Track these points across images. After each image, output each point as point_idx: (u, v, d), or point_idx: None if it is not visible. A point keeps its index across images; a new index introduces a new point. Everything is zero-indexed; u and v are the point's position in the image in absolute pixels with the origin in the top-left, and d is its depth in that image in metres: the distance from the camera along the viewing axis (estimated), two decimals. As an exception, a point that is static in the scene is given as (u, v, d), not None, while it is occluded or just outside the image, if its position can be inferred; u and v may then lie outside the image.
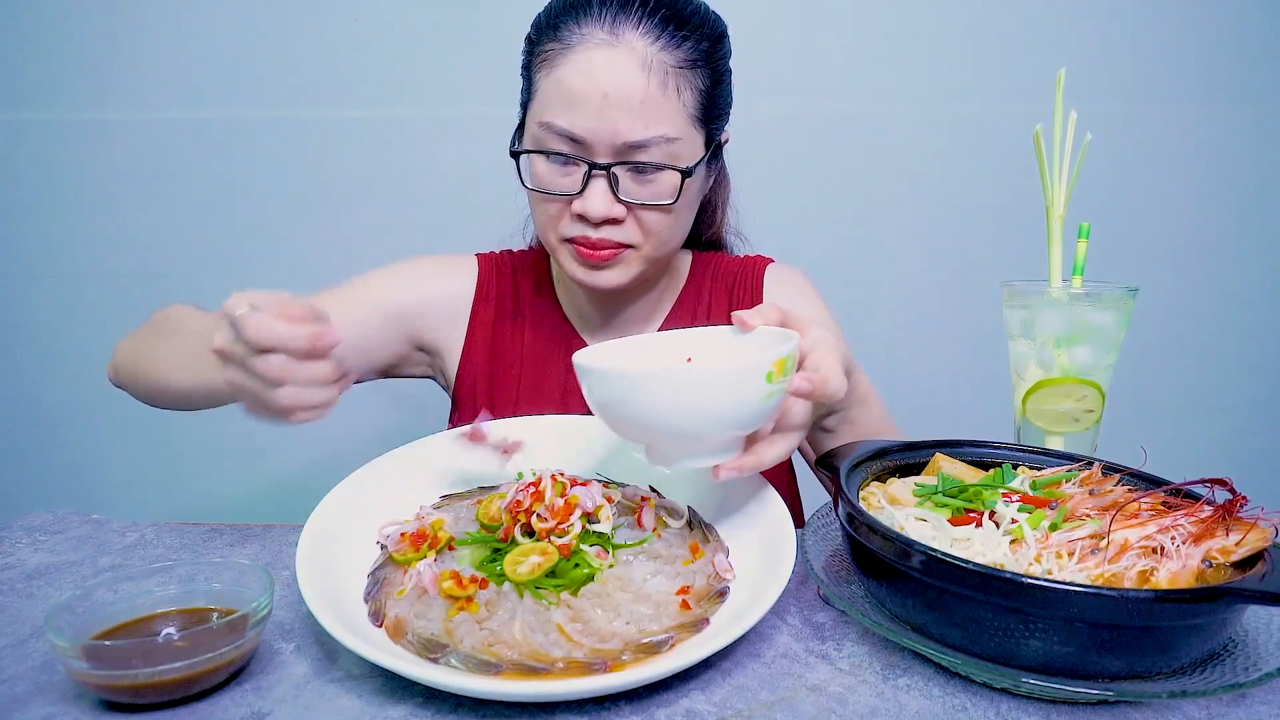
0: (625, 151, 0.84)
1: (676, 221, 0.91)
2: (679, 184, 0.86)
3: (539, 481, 0.71)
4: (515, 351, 1.02)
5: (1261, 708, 0.55)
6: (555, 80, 0.84)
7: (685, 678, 0.58)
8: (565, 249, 0.91)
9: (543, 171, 0.87)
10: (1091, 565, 0.56)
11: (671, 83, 0.83)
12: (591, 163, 0.84)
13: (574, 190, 0.86)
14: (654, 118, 0.83)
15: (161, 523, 0.87)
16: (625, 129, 0.82)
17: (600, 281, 0.91)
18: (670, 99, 0.84)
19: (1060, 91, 0.80)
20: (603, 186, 0.85)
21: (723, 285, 1.06)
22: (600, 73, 0.81)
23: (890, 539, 0.58)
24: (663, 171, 0.86)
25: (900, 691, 0.57)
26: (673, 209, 0.88)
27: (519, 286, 1.06)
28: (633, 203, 0.86)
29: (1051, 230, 0.81)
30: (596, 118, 0.82)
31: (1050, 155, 0.80)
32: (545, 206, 0.89)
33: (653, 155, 0.84)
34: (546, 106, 0.85)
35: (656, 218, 0.88)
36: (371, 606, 0.64)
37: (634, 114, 0.82)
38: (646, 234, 0.89)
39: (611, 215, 0.86)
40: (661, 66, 0.83)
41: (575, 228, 0.88)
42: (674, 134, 0.84)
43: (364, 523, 0.73)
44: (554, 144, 0.85)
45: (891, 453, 0.75)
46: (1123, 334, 0.80)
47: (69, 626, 0.56)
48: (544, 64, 0.85)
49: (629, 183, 0.86)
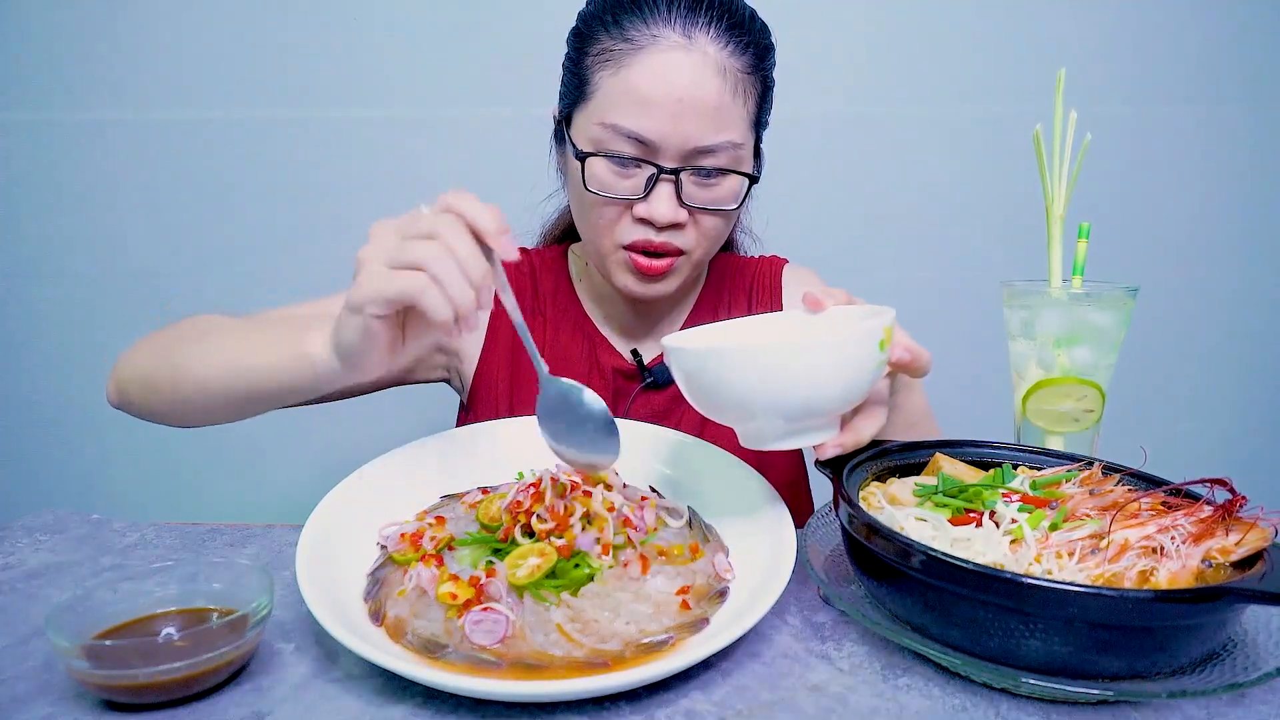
0: (693, 156, 0.83)
1: (729, 226, 0.91)
2: (743, 189, 0.87)
3: (539, 482, 0.71)
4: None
5: (1261, 707, 0.55)
6: (624, 81, 0.82)
7: (685, 678, 0.58)
8: (620, 256, 0.89)
9: (603, 174, 0.85)
10: (1091, 565, 0.56)
11: (740, 88, 0.84)
12: (659, 166, 0.83)
13: (637, 194, 0.85)
14: (725, 123, 0.83)
15: (161, 523, 0.87)
16: (697, 134, 0.82)
17: (652, 292, 0.90)
18: (738, 105, 0.84)
19: (1060, 91, 0.80)
20: (669, 191, 0.84)
21: (741, 285, 1.06)
22: (676, 76, 0.80)
23: (890, 539, 0.58)
24: (726, 176, 0.85)
25: (900, 691, 0.57)
26: (731, 214, 0.88)
27: (539, 285, 1.05)
28: (695, 207, 0.86)
29: (1051, 230, 0.81)
30: (670, 122, 0.81)
31: (1050, 155, 0.80)
32: (603, 210, 0.87)
33: (720, 161, 0.84)
34: (612, 108, 0.83)
35: (715, 222, 0.88)
36: (371, 606, 0.64)
37: (707, 119, 0.81)
38: (701, 238, 0.89)
39: (676, 220, 0.85)
40: (733, 72, 0.83)
41: (636, 232, 0.86)
42: (739, 140, 0.85)
43: (364, 523, 0.73)
44: (619, 146, 0.83)
45: (891, 453, 0.76)
46: (1123, 334, 0.80)
47: (69, 626, 0.56)
48: (608, 63, 0.83)
49: (691, 187, 0.85)
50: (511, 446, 0.83)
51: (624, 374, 1.00)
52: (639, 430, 0.86)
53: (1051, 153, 0.80)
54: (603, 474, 0.75)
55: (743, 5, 0.87)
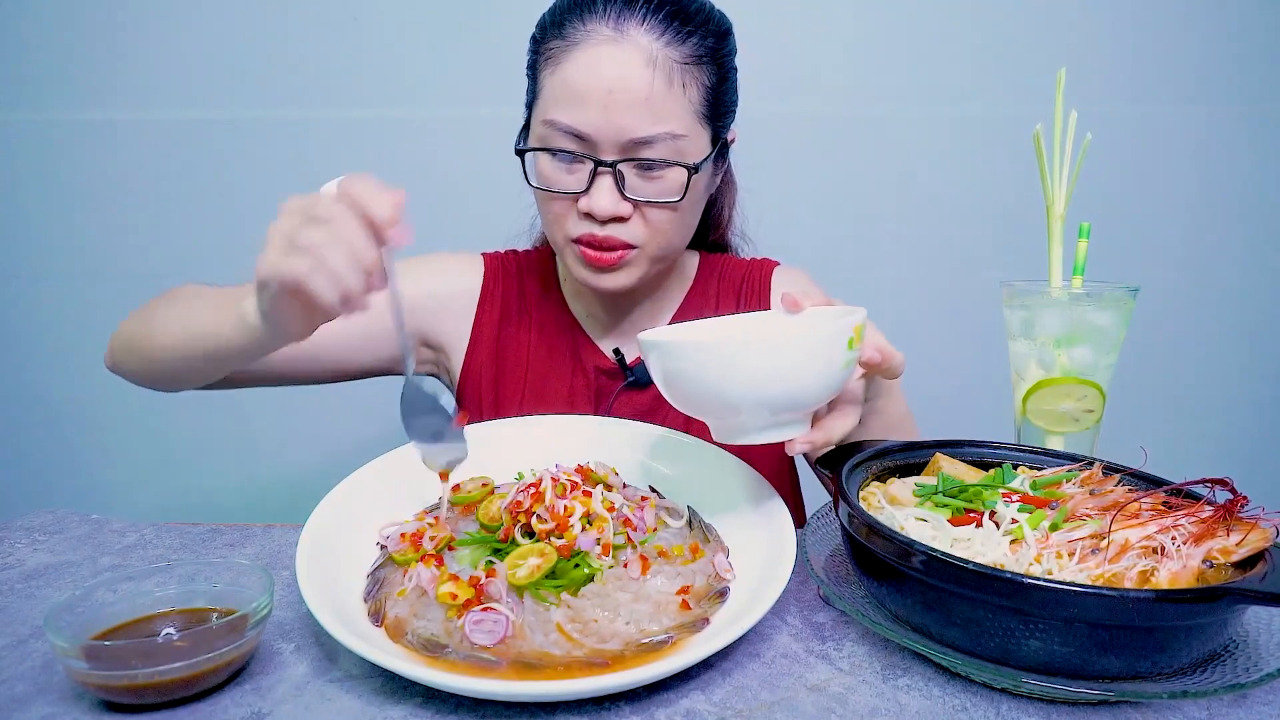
0: (631, 148, 0.83)
1: (683, 220, 0.91)
2: (686, 181, 0.86)
3: (539, 482, 0.71)
4: (521, 351, 1.02)
5: (1262, 708, 0.55)
6: (560, 78, 0.83)
7: (685, 678, 0.58)
8: (571, 250, 0.90)
9: (548, 170, 0.87)
10: (1092, 565, 0.56)
11: (677, 79, 0.83)
12: (597, 160, 0.84)
13: (580, 188, 0.85)
14: (660, 114, 0.83)
15: (161, 523, 0.87)
16: (631, 125, 0.82)
17: (606, 284, 0.91)
18: (676, 95, 0.83)
19: (1060, 91, 0.80)
20: (609, 184, 0.84)
21: (730, 287, 1.06)
22: (605, 69, 0.81)
23: (890, 539, 0.58)
24: (670, 169, 0.85)
25: (900, 691, 0.57)
26: (679, 206, 0.88)
27: (525, 286, 1.05)
28: (639, 200, 0.86)
29: (1051, 230, 0.81)
30: (602, 114, 0.82)
31: (1050, 155, 0.80)
32: (551, 205, 0.89)
33: (659, 152, 0.84)
34: (551, 104, 0.84)
35: (663, 215, 0.88)
36: (371, 606, 0.64)
37: (640, 110, 0.82)
38: (653, 232, 0.88)
39: (618, 213, 0.85)
40: (667, 62, 0.82)
41: (582, 226, 0.87)
42: (680, 130, 0.84)
43: (364, 523, 0.73)
44: (559, 141, 0.84)
45: (891, 453, 0.75)
46: (1123, 334, 0.80)
47: (69, 626, 0.56)
48: (549, 62, 0.85)
49: (635, 180, 0.85)
50: (511, 446, 0.83)
51: (606, 373, 1.01)
52: (639, 430, 0.86)
53: (1051, 153, 0.80)
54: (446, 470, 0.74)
55: None
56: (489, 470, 0.81)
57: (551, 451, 0.82)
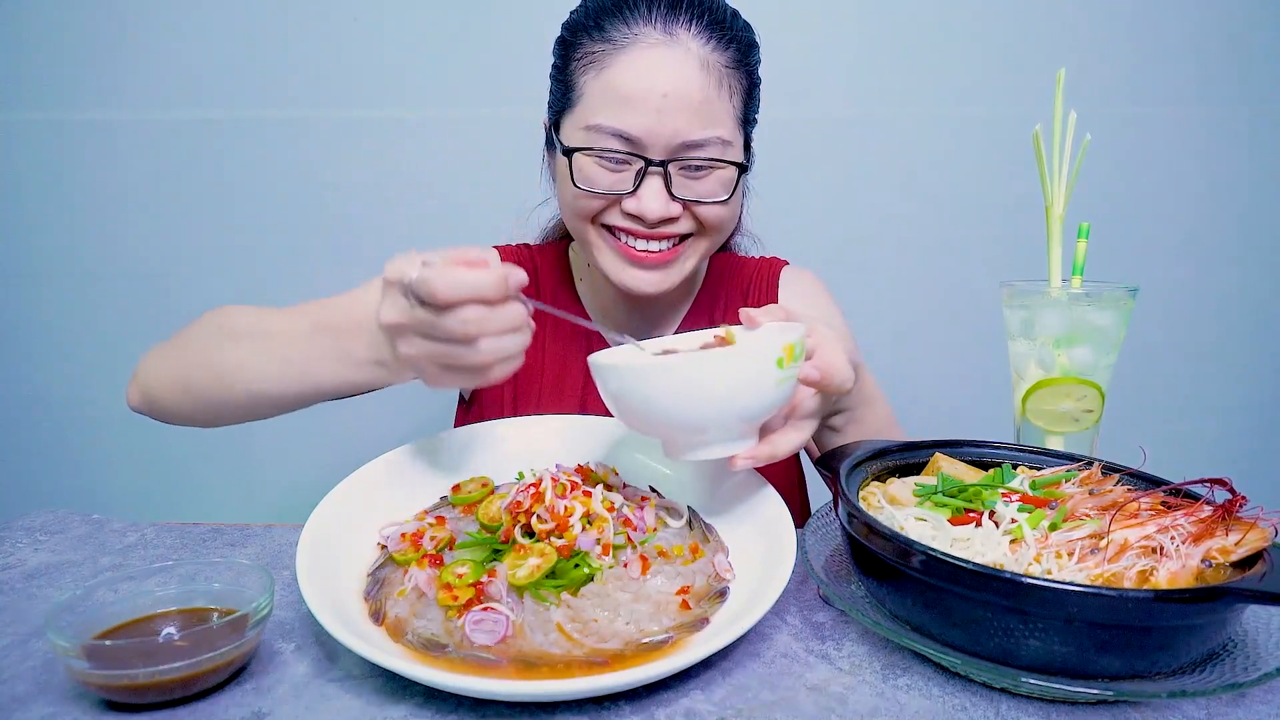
0: (680, 150, 0.83)
1: (732, 215, 0.91)
2: (736, 178, 0.86)
3: (539, 482, 0.71)
4: (537, 347, 1.02)
5: (1261, 707, 0.55)
6: (606, 82, 0.82)
7: (685, 678, 0.58)
8: (606, 244, 0.89)
9: (590, 170, 0.85)
10: (1091, 565, 0.56)
11: (725, 83, 0.84)
12: (647, 159, 0.83)
13: (625, 189, 0.85)
14: (710, 118, 0.83)
15: (161, 523, 0.87)
16: (684, 128, 0.82)
17: (646, 284, 0.89)
18: (724, 100, 0.84)
19: (1060, 91, 0.80)
20: (658, 185, 0.84)
21: (739, 286, 1.06)
22: (659, 72, 0.81)
23: (890, 539, 0.58)
24: (714, 169, 0.85)
25: (900, 691, 0.57)
26: (728, 204, 0.88)
27: (539, 282, 1.05)
28: (688, 199, 0.86)
29: (1051, 230, 0.81)
30: (655, 117, 0.81)
31: (1050, 155, 0.80)
32: (589, 204, 0.87)
33: (708, 154, 0.84)
34: (597, 109, 0.83)
35: (713, 211, 0.87)
36: (371, 606, 0.64)
37: (693, 113, 0.82)
38: (706, 227, 0.88)
39: (668, 213, 0.85)
40: (716, 67, 0.83)
41: (625, 223, 0.87)
42: (728, 136, 0.84)
43: (364, 523, 0.73)
44: (606, 143, 0.83)
45: (891, 453, 0.76)
46: (1122, 334, 0.80)
47: (69, 626, 0.56)
48: (590, 65, 0.84)
49: (682, 179, 0.85)
50: (511, 446, 0.83)
51: None
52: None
53: (1051, 153, 0.80)
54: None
55: (722, 3, 0.87)
56: (489, 470, 0.81)
57: (551, 451, 0.82)
